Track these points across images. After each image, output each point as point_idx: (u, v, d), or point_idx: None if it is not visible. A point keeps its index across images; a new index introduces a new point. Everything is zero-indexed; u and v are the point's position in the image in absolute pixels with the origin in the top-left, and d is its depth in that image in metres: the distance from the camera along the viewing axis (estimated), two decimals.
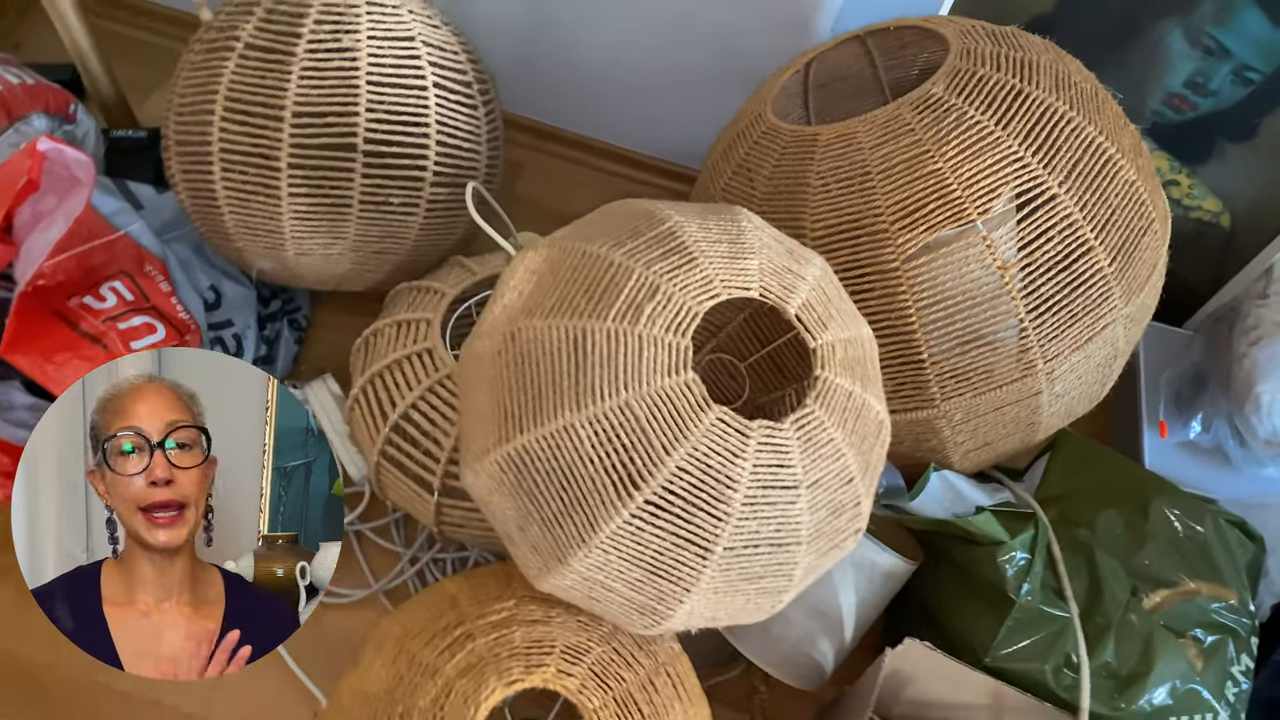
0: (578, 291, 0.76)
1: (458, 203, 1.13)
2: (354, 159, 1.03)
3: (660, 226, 0.79)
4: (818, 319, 0.78)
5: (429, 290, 1.10)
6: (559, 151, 1.49)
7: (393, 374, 1.03)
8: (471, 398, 0.81)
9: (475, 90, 1.12)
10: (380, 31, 1.04)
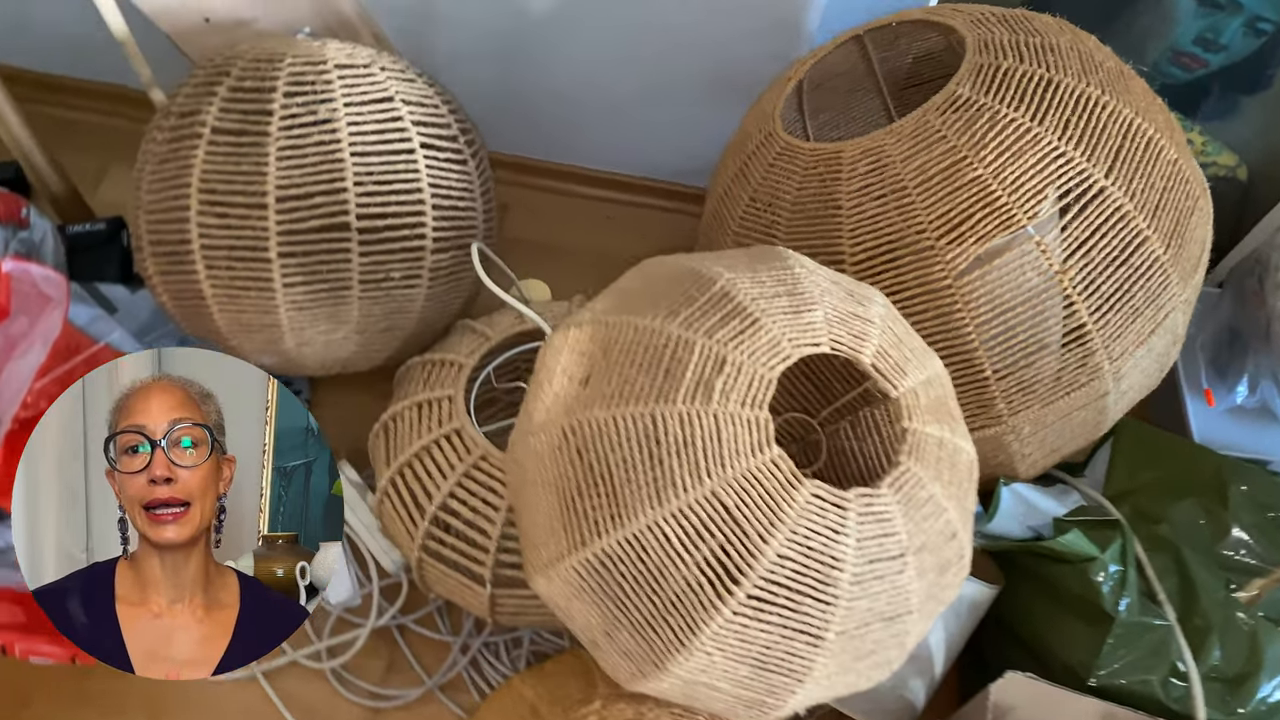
0: (638, 373, 0.70)
1: (461, 265, 1.06)
2: (348, 238, 0.95)
3: (712, 288, 0.73)
4: (894, 365, 0.73)
5: (443, 363, 1.03)
6: (545, 184, 1.42)
7: (422, 462, 0.96)
8: (529, 498, 0.75)
9: (462, 143, 1.05)
10: (356, 96, 0.97)
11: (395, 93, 1.00)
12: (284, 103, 0.94)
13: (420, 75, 1.06)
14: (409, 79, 1.03)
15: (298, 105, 0.95)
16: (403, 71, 1.04)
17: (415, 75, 1.05)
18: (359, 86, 0.98)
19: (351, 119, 0.95)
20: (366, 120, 0.96)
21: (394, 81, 1.01)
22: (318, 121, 0.94)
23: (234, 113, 0.95)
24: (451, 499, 0.93)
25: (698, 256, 0.80)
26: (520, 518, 0.77)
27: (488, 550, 0.92)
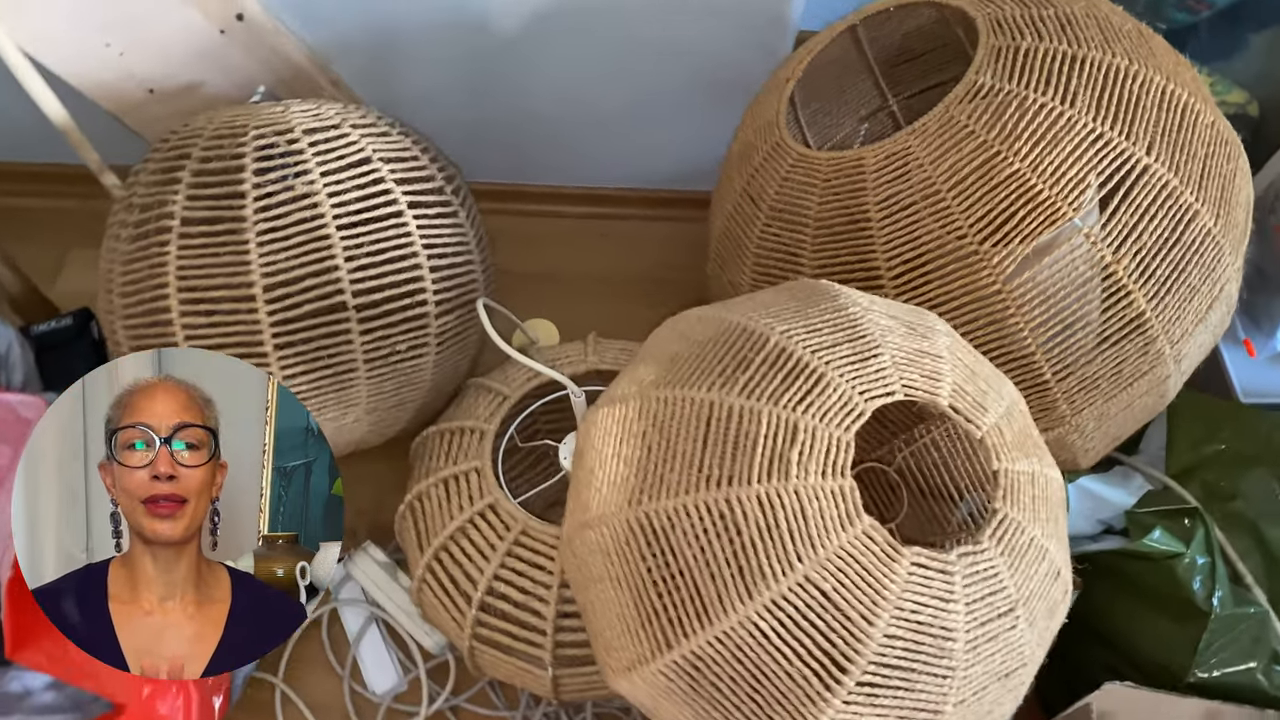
0: (703, 453, 0.64)
1: (467, 325, 0.99)
2: (347, 319, 0.88)
3: (766, 346, 0.67)
4: (973, 402, 0.67)
5: (463, 432, 0.97)
6: (531, 209, 1.35)
7: (459, 544, 0.90)
8: (597, 597, 0.69)
9: (449, 193, 0.98)
10: (332, 163, 0.89)
11: (373, 152, 0.92)
12: (256, 181, 0.87)
13: (392, 125, 0.99)
14: (382, 132, 0.96)
15: (271, 182, 0.87)
16: (374, 125, 0.96)
17: (387, 126, 0.98)
18: (334, 151, 0.90)
19: (331, 189, 0.88)
20: (347, 188, 0.89)
21: (368, 139, 0.93)
22: (296, 197, 0.87)
23: (203, 200, 0.87)
24: (498, 581, 0.87)
25: (737, 306, 0.74)
26: (589, 616, 0.72)
27: (544, 632, 0.86)
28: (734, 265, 1.00)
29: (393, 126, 0.98)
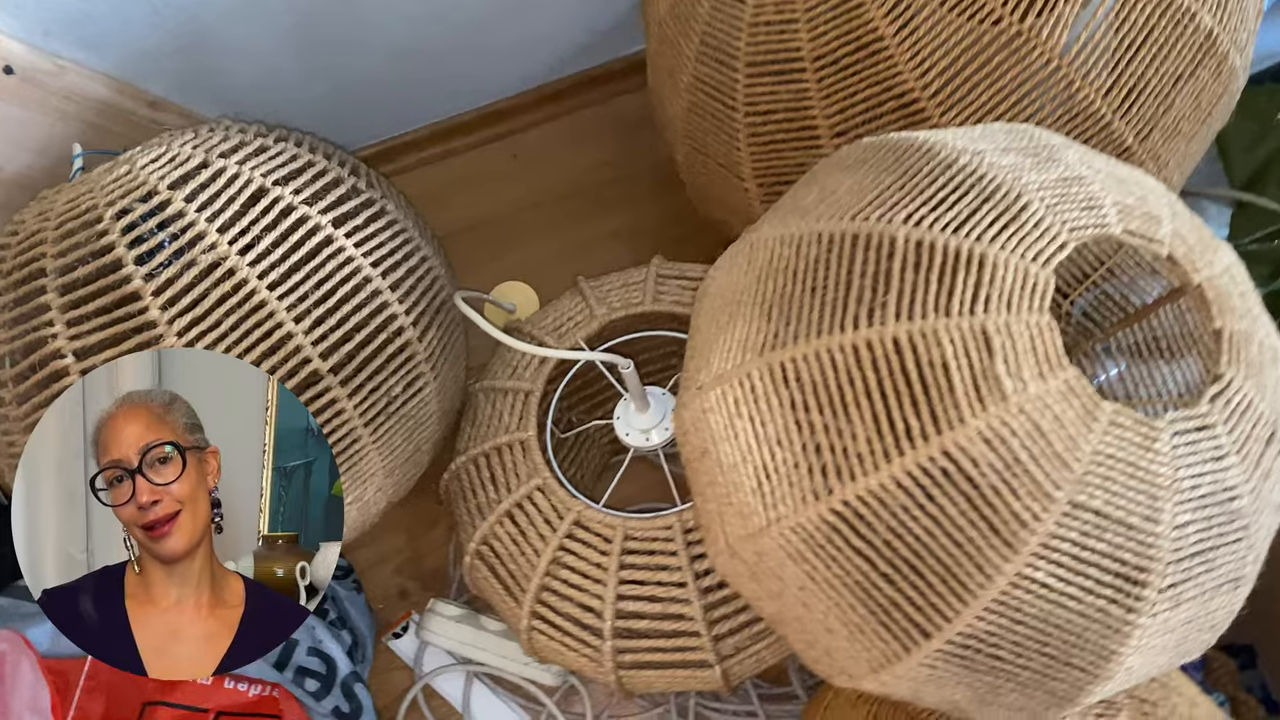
0: (900, 405, 0.51)
1: (451, 330, 0.82)
2: (328, 388, 0.71)
3: (954, 167, 0.55)
4: (1192, 250, 0.56)
5: (500, 450, 0.82)
6: (422, 158, 1.15)
7: (558, 576, 0.77)
8: (798, 607, 0.57)
9: (362, 186, 0.79)
10: (223, 212, 0.70)
11: (262, 178, 0.72)
12: (144, 273, 0.67)
13: (262, 132, 0.78)
14: (257, 148, 0.75)
15: (164, 268, 0.67)
16: (243, 143, 0.76)
17: (257, 137, 0.77)
18: (218, 196, 0.70)
19: (238, 244, 0.69)
20: (255, 234, 0.70)
21: (248, 164, 0.73)
22: (202, 273, 0.68)
23: (89, 322, 0.67)
24: (622, 601, 0.75)
25: (906, 136, 0.61)
26: (789, 627, 0.60)
27: (699, 634, 0.74)
28: (667, 114, 0.84)
29: (264, 135, 0.78)
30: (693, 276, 0.88)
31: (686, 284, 0.87)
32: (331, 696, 0.84)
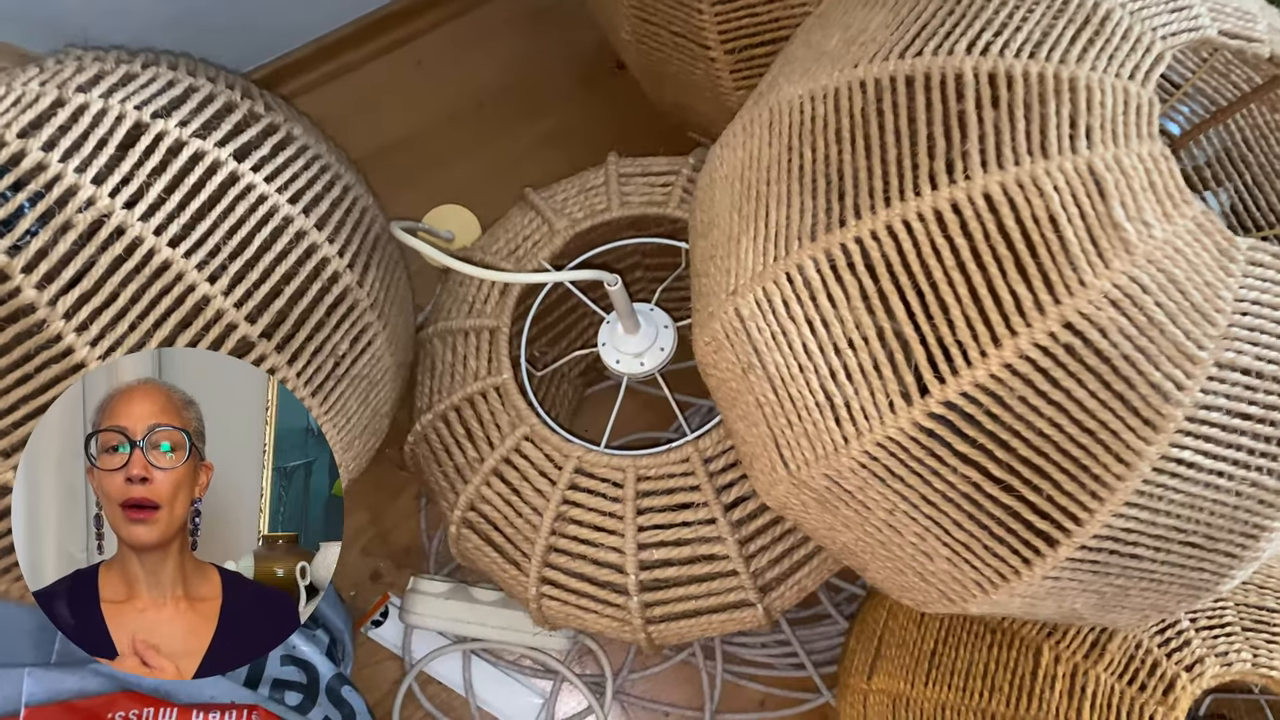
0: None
1: (392, 269, 0.70)
2: (264, 354, 0.59)
3: None
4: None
5: (473, 400, 0.70)
6: (315, 77, 1.01)
7: (565, 533, 0.67)
8: (886, 536, 0.48)
9: (262, 111, 0.65)
10: (97, 157, 0.56)
11: (133, 108, 0.58)
12: (8, 248, 0.53)
13: (125, 58, 0.64)
14: (122, 75, 0.61)
15: (30, 236, 0.54)
16: (99, 72, 0.61)
17: (115, 63, 0.63)
18: (85, 141, 0.56)
19: (123, 195, 0.55)
20: (142, 181, 0.56)
21: (114, 95, 0.59)
22: (84, 234, 0.54)
23: None
24: (644, 551, 0.65)
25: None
26: (869, 558, 0.51)
27: (736, 573, 0.65)
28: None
29: (126, 60, 0.64)
30: (660, 171, 0.77)
31: (655, 180, 0.76)
32: (319, 707, 0.74)
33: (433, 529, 0.88)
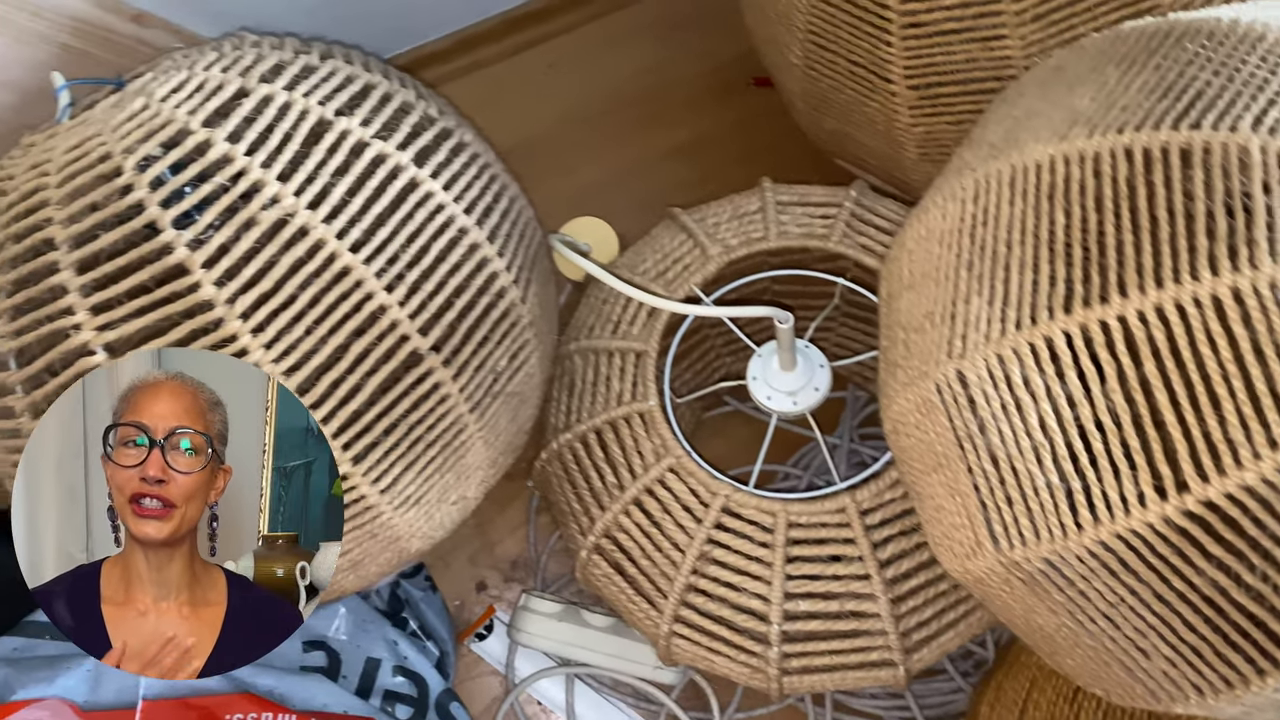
0: None
1: (545, 283, 0.68)
2: (430, 370, 0.57)
3: (1265, 42, 0.43)
4: None
5: (615, 425, 0.68)
6: (445, 72, 0.99)
7: (707, 574, 0.64)
8: (1077, 622, 0.45)
9: (436, 114, 0.63)
10: (280, 153, 0.54)
11: (317, 104, 0.57)
12: (191, 241, 0.51)
13: (300, 49, 0.62)
14: (302, 68, 0.59)
15: (214, 230, 0.52)
16: (279, 62, 0.59)
17: (293, 53, 0.61)
18: (270, 136, 0.54)
19: (307, 194, 0.53)
20: (326, 181, 0.54)
21: (297, 89, 0.57)
22: (268, 232, 0.52)
23: (124, 309, 0.52)
24: (790, 600, 0.63)
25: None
26: (1072, 650, 0.48)
27: (884, 632, 0.63)
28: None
29: (304, 51, 0.62)
30: (819, 201, 0.74)
31: (814, 211, 0.74)
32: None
33: (541, 543, 0.86)
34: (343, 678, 0.72)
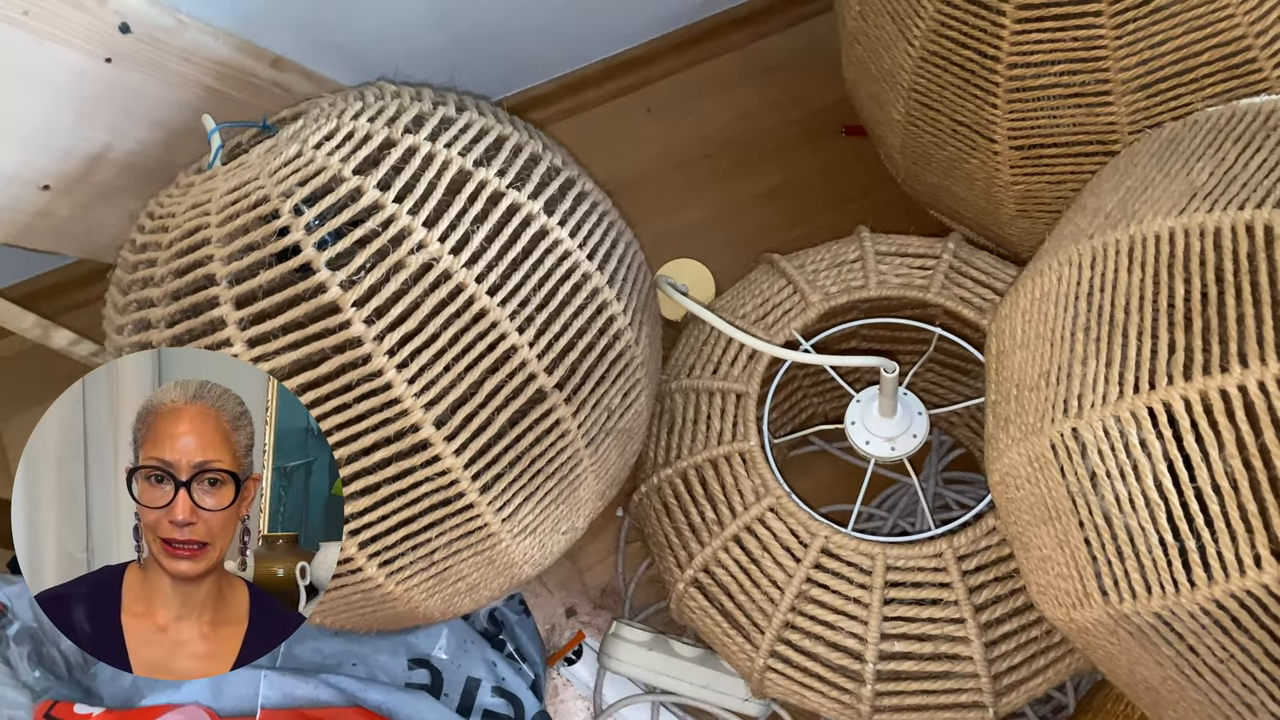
0: None
1: (655, 325, 0.71)
2: (553, 407, 0.60)
3: None
4: None
5: (715, 463, 0.71)
6: (549, 114, 1.03)
7: (805, 612, 0.67)
8: (1181, 675, 0.47)
9: (560, 164, 0.67)
10: (425, 201, 0.58)
11: (458, 155, 0.60)
12: (343, 281, 0.55)
13: (438, 100, 0.66)
14: (441, 119, 0.63)
15: (365, 272, 0.56)
16: (420, 113, 0.63)
17: (431, 104, 0.65)
18: (416, 184, 0.58)
19: (450, 241, 0.57)
20: (466, 229, 0.58)
21: (439, 140, 0.61)
22: (413, 276, 0.56)
23: (277, 343, 0.56)
24: (885, 641, 0.65)
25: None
26: (1173, 705, 0.50)
27: (976, 675, 0.65)
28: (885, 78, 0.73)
29: (442, 102, 0.66)
30: (917, 252, 0.77)
31: (912, 261, 0.76)
32: None
33: (629, 572, 0.88)
34: (445, 695, 0.75)
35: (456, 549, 0.61)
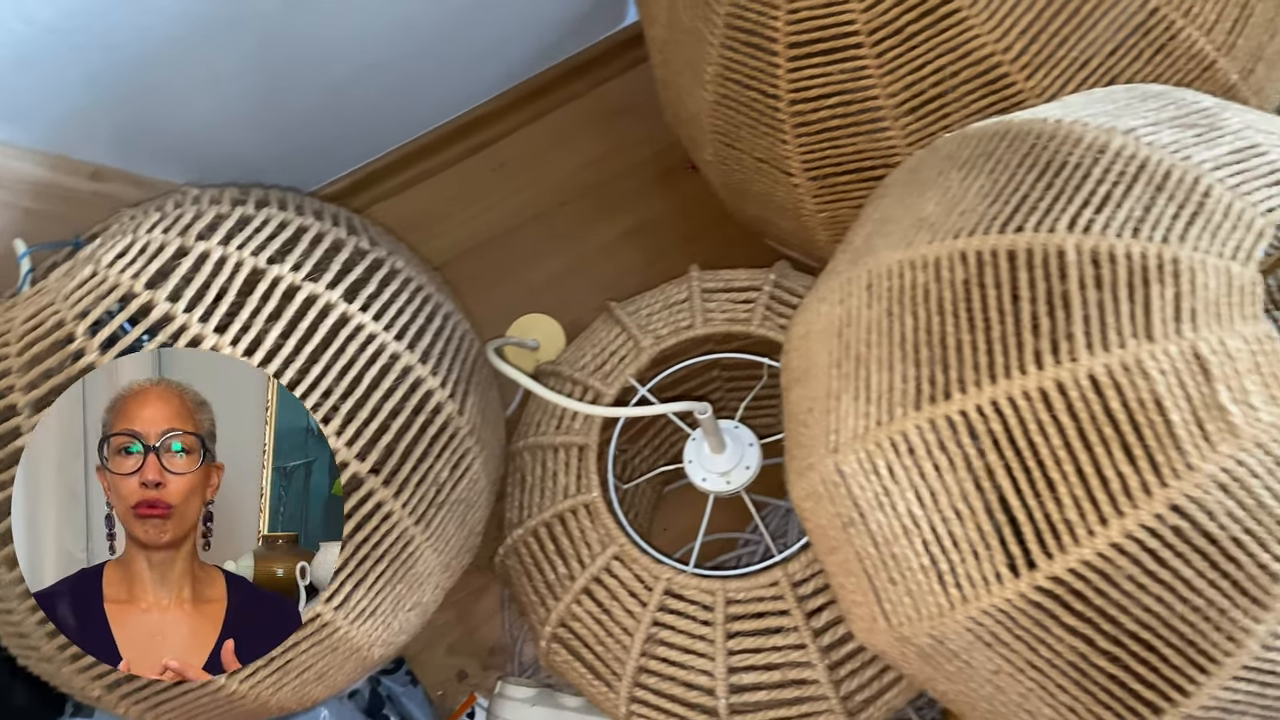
0: None
1: (485, 390, 0.72)
2: (371, 491, 0.61)
3: (1082, 144, 0.47)
4: None
5: (563, 518, 0.72)
6: (396, 184, 1.05)
7: (655, 654, 0.68)
8: (971, 687, 0.49)
9: (367, 246, 0.68)
10: (214, 306, 0.59)
11: (250, 255, 0.62)
12: None
13: (237, 200, 0.67)
14: (237, 220, 0.64)
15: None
16: (217, 216, 0.64)
17: (230, 204, 0.66)
18: (207, 291, 0.59)
19: (246, 345, 0.58)
20: (260, 328, 0.59)
21: (231, 242, 0.62)
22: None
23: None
24: (734, 674, 0.66)
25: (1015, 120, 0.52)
26: (972, 710, 0.52)
27: (826, 697, 0.66)
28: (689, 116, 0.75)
29: (240, 202, 0.67)
30: (742, 286, 0.78)
31: (737, 296, 0.78)
32: None
33: (516, 630, 0.89)
34: None
35: (293, 641, 0.62)
